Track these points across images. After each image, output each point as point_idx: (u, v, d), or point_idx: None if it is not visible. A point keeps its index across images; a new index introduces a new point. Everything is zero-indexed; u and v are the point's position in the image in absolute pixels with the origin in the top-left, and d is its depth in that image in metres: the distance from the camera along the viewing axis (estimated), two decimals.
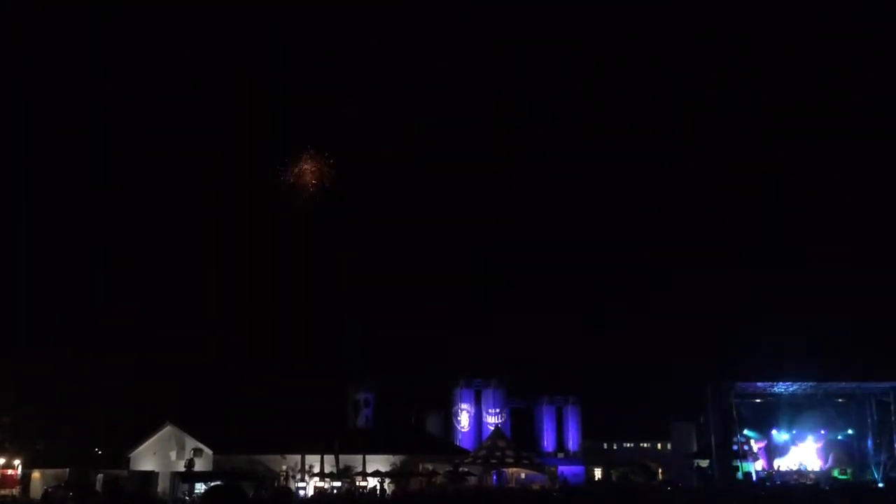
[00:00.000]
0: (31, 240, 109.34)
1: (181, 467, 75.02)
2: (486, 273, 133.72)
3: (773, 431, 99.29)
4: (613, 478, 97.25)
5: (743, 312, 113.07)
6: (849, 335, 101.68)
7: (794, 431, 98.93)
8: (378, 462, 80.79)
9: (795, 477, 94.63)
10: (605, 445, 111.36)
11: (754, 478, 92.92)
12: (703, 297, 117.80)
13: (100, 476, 76.50)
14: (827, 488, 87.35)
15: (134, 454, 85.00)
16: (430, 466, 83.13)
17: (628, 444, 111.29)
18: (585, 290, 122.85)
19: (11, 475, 76.28)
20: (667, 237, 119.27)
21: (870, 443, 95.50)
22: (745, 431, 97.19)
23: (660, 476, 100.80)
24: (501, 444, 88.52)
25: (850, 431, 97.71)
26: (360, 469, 78.51)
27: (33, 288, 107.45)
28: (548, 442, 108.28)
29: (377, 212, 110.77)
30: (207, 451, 76.31)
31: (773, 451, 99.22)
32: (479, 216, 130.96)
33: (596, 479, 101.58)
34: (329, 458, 77.40)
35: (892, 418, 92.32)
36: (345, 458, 78.51)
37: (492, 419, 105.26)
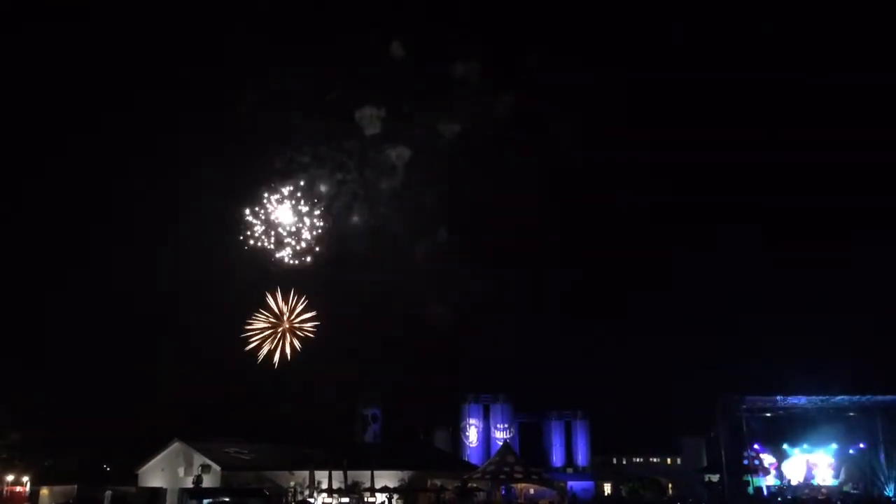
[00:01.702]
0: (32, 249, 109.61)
1: (189, 484, 74.93)
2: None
3: (784, 446, 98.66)
4: (623, 493, 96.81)
5: (753, 326, 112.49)
6: (859, 348, 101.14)
7: (804, 446, 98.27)
8: (386, 478, 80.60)
9: (807, 491, 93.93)
10: (615, 460, 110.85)
11: (765, 493, 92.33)
12: (712, 311, 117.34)
13: (108, 493, 76.40)
14: (839, 503, 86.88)
15: (142, 471, 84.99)
16: (438, 482, 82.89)
17: (638, 459, 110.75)
18: (592, 305, 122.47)
19: (20, 492, 76.25)
20: (672, 250, 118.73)
21: (882, 457, 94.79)
22: (756, 446, 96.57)
23: (670, 491, 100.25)
24: (510, 459, 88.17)
25: (861, 445, 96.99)
26: (368, 485, 78.32)
27: (40, 303, 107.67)
28: (557, 457, 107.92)
29: None
30: (216, 467, 76.23)
31: (784, 466, 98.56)
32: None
33: (605, 494, 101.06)
34: (337, 474, 77.25)
35: None
36: (353, 474, 78.37)
37: (500, 434, 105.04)
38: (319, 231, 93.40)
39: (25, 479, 77.38)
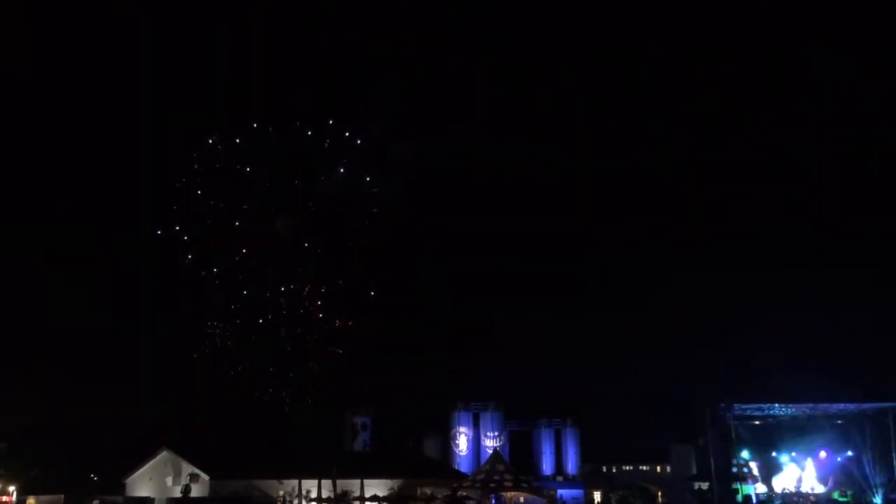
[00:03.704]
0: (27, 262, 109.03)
1: (177, 493, 74.49)
2: (487, 294, 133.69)
3: (773, 453, 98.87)
4: (613, 501, 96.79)
5: (741, 334, 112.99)
6: (847, 356, 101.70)
7: (793, 453, 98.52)
8: (376, 486, 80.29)
9: (795, 499, 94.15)
10: (605, 468, 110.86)
11: (754, 500, 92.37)
12: (701, 319, 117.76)
13: (95, 502, 76.06)
14: None
15: (130, 480, 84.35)
16: (428, 490, 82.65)
17: (627, 467, 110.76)
18: (580, 312, 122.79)
19: (6, 501, 75.78)
20: (664, 259, 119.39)
21: (870, 464, 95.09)
22: (744, 453, 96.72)
23: (659, 499, 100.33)
24: (500, 467, 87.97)
25: (849, 453, 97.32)
26: (357, 493, 77.97)
27: (28, 311, 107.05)
28: (547, 465, 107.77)
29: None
30: (204, 476, 75.78)
31: (772, 474, 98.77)
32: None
33: (595, 502, 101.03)
34: (326, 483, 76.89)
35: (892, 439, 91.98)
36: (342, 483, 77.96)
37: (490, 442, 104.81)
38: None
39: (12, 488, 76.97)
